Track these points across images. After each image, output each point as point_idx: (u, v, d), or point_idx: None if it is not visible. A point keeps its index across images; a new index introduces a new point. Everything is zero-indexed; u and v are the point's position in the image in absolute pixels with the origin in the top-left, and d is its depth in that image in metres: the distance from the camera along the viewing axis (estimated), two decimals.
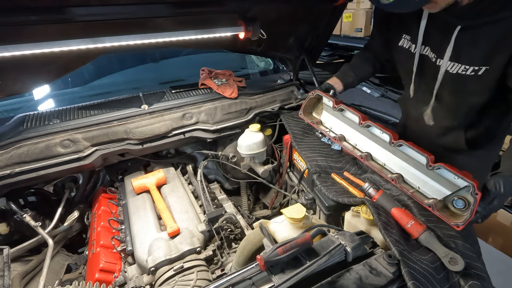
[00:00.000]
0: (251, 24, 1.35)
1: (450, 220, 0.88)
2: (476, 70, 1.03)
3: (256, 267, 0.76)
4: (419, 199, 0.97)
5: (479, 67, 1.02)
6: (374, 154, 1.16)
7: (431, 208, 0.92)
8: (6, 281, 0.97)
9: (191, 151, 1.73)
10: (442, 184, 0.95)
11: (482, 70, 1.02)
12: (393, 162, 1.10)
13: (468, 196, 0.87)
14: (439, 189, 0.96)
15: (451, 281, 0.78)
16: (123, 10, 1.14)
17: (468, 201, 0.87)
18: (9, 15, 0.97)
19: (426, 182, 1.00)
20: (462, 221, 0.86)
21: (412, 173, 1.04)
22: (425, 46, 1.15)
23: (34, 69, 1.24)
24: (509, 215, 2.21)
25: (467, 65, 1.04)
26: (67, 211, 1.42)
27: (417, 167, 1.01)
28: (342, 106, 1.24)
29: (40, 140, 1.28)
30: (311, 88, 1.94)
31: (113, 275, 1.12)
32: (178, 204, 1.31)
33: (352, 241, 0.81)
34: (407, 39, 1.20)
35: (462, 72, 1.06)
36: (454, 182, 0.90)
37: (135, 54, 2.20)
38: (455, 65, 1.07)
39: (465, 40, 1.01)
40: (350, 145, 1.26)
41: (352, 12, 3.76)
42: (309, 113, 1.46)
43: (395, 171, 1.08)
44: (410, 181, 1.04)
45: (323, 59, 4.30)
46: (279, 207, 1.65)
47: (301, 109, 1.43)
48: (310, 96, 1.39)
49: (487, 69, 1.01)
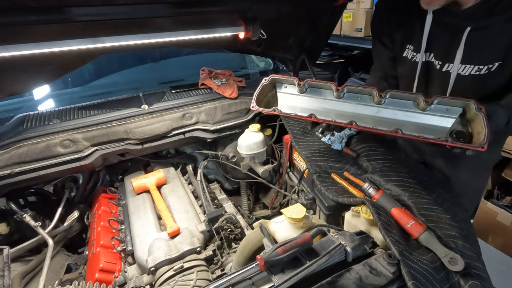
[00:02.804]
0: (251, 24, 1.35)
1: (474, 143, 0.85)
2: (489, 68, 1.02)
3: (256, 267, 0.76)
4: (430, 139, 0.89)
5: (492, 64, 1.02)
6: (359, 121, 1.00)
7: (449, 142, 0.86)
8: (6, 281, 0.97)
9: (191, 151, 1.73)
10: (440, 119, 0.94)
11: (496, 66, 1.01)
12: (383, 122, 1.02)
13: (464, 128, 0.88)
14: (440, 124, 0.94)
15: (451, 281, 0.78)
16: (123, 10, 1.13)
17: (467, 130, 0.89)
18: (9, 15, 0.96)
19: (424, 127, 0.97)
20: (482, 139, 0.83)
21: (407, 124, 0.98)
22: (429, 54, 1.14)
23: (34, 69, 1.24)
24: (509, 215, 2.21)
25: (481, 65, 1.03)
26: (67, 211, 1.42)
27: (410, 114, 0.97)
28: (310, 81, 1.08)
29: (40, 140, 1.28)
30: None
31: (113, 275, 1.12)
32: (178, 204, 1.31)
33: (352, 241, 0.81)
34: (410, 49, 1.18)
35: (475, 73, 1.05)
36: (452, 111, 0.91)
37: (135, 54, 2.20)
38: (467, 67, 1.06)
39: (476, 40, 1.01)
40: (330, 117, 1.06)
41: (352, 12, 3.75)
42: (265, 103, 1.21)
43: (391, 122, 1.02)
44: (407, 133, 0.95)
45: (323, 59, 4.29)
46: (279, 207, 1.65)
47: (253, 100, 1.12)
48: (264, 83, 1.16)
49: (500, 64, 1.01)
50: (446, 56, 1.10)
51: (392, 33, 1.22)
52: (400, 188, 1.03)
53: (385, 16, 1.23)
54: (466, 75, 1.07)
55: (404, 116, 1.00)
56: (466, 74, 1.07)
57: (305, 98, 1.14)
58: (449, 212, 0.96)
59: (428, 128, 0.97)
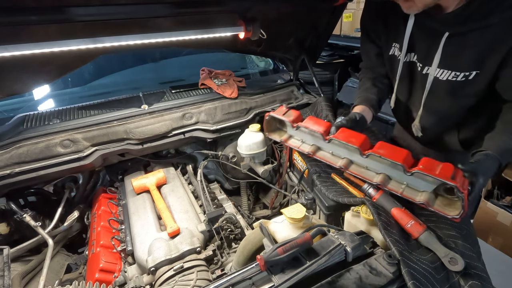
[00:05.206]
0: (251, 24, 1.35)
1: (447, 213, 0.87)
2: (466, 76, 1.02)
3: (256, 267, 0.76)
4: (411, 198, 0.93)
5: (469, 72, 1.01)
6: (353, 158, 1.09)
7: (424, 205, 0.90)
8: (6, 281, 0.97)
9: (191, 151, 1.73)
10: (426, 179, 0.92)
11: (473, 75, 1.01)
12: (376, 164, 1.04)
13: None
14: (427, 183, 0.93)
15: (451, 281, 0.78)
16: (123, 10, 1.14)
17: None
18: (9, 15, 0.96)
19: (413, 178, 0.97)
20: (458, 213, 0.84)
21: (396, 172, 0.99)
22: (413, 54, 1.13)
23: (34, 69, 1.24)
24: (509, 215, 2.21)
25: (458, 71, 1.03)
26: (67, 211, 1.42)
27: (398, 169, 0.97)
28: (299, 125, 1.18)
29: (40, 140, 1.28)
30: (311, 89, 1.94)
31: (113, 275, 1.12)
32: (178, 204, 1.31)
33: (352, 241, 0.81)
34: (397, 48, 1.18)
35: (452, 78, 1.05)
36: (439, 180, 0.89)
37: (135, 54, 2.20)
38: (445, 72, 1.05)
39: (454, 46, 1.00)
40: (327, 153, 1.16)
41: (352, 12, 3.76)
42: (275, 129, 1.35)
43: (379, 171, 1.03)
44: (397, 178, 1.00)
45: (323, 59, 4.29)
46: (279, 207, 1.65)
47: (265, 130, 1.33)
48: (266, 119, 1.29)
49: (477, 73, 1.00)
50: (425, 59, 1.09)
51: (379, 30, 1.23)
52: None
53: (374, 13, 1.23)
54: (443, 80, 1.07)
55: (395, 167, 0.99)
56: (444, 79, 1.07)
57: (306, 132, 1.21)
58: None
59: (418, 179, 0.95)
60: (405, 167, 0.92)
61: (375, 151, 0.98)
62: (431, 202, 0.90)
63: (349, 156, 1.09)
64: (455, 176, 0.83)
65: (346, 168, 1.07)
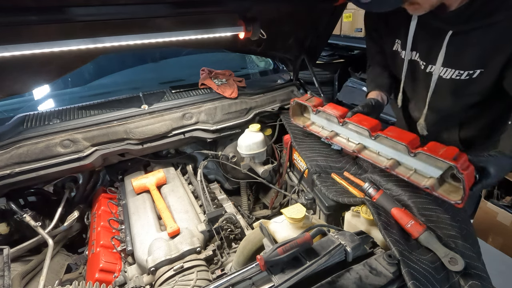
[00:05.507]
0: (251, 24, 1.35)
1: (450, 198, 0.88)
2: (470, 74, 1.02)
3: (256, 267, 0.76)
4: (416, 182, 0.95)
5: (473, 70, 1.01)
6: (367, 143, 1.13)
7: (429, 190, 0.91)
8: (6, 281, 0.97)
9: (191, 151, 1.73)
10: (433, 164, 0.93)
11: (477, 73, 1.01)
12: (386, 149, 1.07)
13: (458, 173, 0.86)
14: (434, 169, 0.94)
15: (451, 281, 0.78)
16: (123, 10, 1.13)
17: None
18: (9, 15, 0.96)
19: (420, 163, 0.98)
20: (460, 198, 0.85)
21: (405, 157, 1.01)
22: (415, 52, 1.13)
23: (34, 69, 1.24)
24: (509, 215, 2.21)
25: (461, 70, 1.03)
26: (67, 211, 1.42)
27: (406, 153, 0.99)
28: (320, 109, 1.27)
29: (40, 140, 1.28)
30: (311, 88, 1.94)
31: (113, 275, 1.12)
32: (178, 204, 1.31)
33: (352, 241, 0.81)
34: (399, 44, 1.18)
35: (456, 77, 1.05)
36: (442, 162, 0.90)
37: (135, 54, 2.20)
38: (448, 71, 1.05)
39: (458, 45, 1.00)
40: (344, 139, 1.22)
41: (352, 12, 3.76)
42: (300, 116, 1.47)
43: (390, 157, 1.05)
44: (407, 163, 1.01)
45: (323, 59, 4.29)
46: (279, 207, 1.65)
47: (290, 115, 1.45)
48: (291, 104, 1.41)
49: (482, 71, 1.00)
50: (429, 58, 1.09)
51: (381, 29, 1.24)
52: (400, 188, 1.03)
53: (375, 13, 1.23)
54: (447, 78, 1.07)
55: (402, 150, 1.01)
56: (447, 77, 1.07)
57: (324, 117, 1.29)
58: (449, 212, 0.96)
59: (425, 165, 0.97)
60: (409, 148, 0.93)
61: (383, 133, 1.01)
62: (436, 187, 0.91)
63: (362, 141, 1.14)
64: (458, 158, 0.84)
65: (359, 153, 1.12)
